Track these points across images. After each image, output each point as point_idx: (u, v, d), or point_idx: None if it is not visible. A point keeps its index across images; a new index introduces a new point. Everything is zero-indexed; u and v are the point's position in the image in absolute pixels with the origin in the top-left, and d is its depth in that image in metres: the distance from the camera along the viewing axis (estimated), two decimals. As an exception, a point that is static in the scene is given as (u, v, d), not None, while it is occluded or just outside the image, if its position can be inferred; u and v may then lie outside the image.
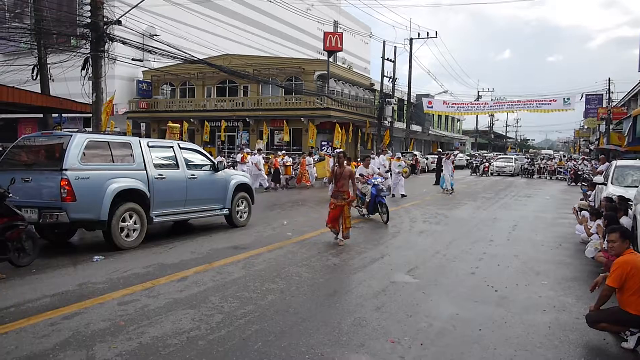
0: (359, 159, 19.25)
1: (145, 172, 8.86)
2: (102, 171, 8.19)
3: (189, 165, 9.89)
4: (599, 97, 46.43)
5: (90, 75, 16.08)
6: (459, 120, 72.69)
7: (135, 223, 8.59)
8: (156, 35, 30.42)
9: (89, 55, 16.17)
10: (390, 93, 39.28)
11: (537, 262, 8.01)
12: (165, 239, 9.47)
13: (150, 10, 31.85)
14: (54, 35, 21.20)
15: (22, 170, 8.07)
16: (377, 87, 40.18)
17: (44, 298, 5.73)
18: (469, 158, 47.03)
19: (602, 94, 46.52)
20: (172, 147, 9.85)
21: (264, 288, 6.25)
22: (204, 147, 25.94)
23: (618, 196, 8.77)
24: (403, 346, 4.54)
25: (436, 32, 38.99)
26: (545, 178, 32.96)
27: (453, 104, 40.70)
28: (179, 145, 10.06)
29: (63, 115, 21.96)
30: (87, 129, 24.28)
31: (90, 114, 16.77)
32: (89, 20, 16.06)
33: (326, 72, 35.41)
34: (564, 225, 12.11)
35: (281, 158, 23.10)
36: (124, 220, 8.39)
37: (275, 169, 22.09)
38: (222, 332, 4.76)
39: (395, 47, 39.43)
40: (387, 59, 37.22)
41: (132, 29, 17.67)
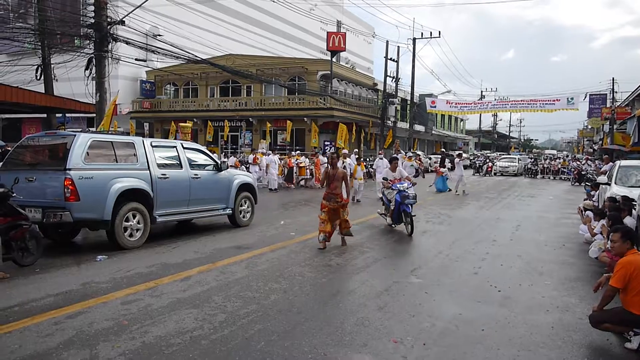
0: (361, 159, 19.07)
1: (148, 171, 8.88)
2: (105, 171, 8.21)
3: (192, 165, 9.90)
4: (602, 96, 46.27)
5: (94, 75, 16.14)
6: (462, 120, 72.54)
7: (138, 223, 8.60)
8: (159, 35, 30.38)
9: (92, 55, 16.22)
10: (394, 93, 39.22)
11: (541, 262, 7.99)
12: (169, 239, 9.49)
13: (154, 10, 31.92)
14: (58, 35, 21.27)
15: (26, 170, 8.10)
16: (380, 87, 40.12)
17: (47, 297, 5.75)
18: (472, 158, 46.93)
19: (605, 94, 46.36)
20: (175, 147, 9.87)
21: (267, 288, 6.26)
22: (207, 147, 25.96)
23: (622, 196, 8.74)
24: (406, 346, 4.53)
25: (439, 31, 38.93)
26: (549, 178, 32.89)
27: (456, 103, 40.62)
28: (182, 145, 10.08)
29: (67, 115, 22.06)
30: (90, 128, 24.35)
31: (94, 114, 16.82)
32: (92, 21, 16.12)
33: (329, 72, 35.42)
34: (567, 225, 12.08)
35: (296, 158, 22.82)
36: (127, 220, 8.40)
37: (290, 168, 21.89)
38: (225, 331, 4.77)
39: (398, 47, 39.50)
40: (390, 59, 37.17)
41: (136, 29, 17.72)
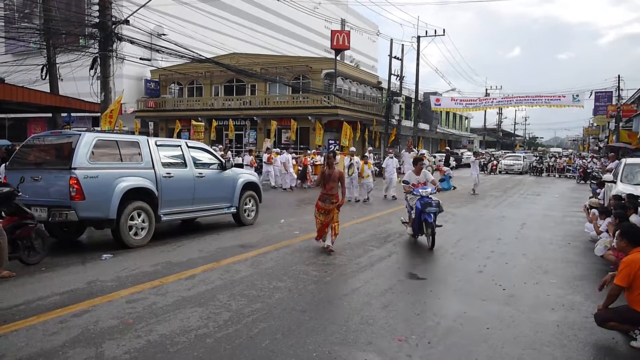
0: (366, 155, 18.69)
1: (153, 170, 8.90)
2: (110, 170, 8.23)
3: (197, 164, 9.92)
4: (608, 94, 45.97)
5: (99, 74, 16.20)
6: (467, 118, 72.37)
7: (143, 221, 8.63)
8: (164, 34, 30.51)
9: (97, 54, 16.29)
10: (398, 91, 39.15)
11: (546, 261, 7.97)
12: (173, 238, 9.52)
13: (158, 9, 31.95)
14: (63, 35, 21.35)
15: (32, 169, 8.14)
16: (385, 85, 40.06)
17: (53, 296, 5.78)
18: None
19: (611, 91, 46.07)
20: (179, 145, 9.89)
21: (272, 286, 6.26)
22: (212, 146, 26.01)
23: (627, 194, 8.70)
24: (410, 344, 4.53)
25: (444, 29, 38.68)
26: (554, 176, 32.77)
27: (461, 100, 40.46)
28: (187, 144, 10.11)
29: (72, 114, 22.12)
30: (95, 128, 24.45)
31: (99, 113, 16.88)
32: (97, 20, 16.17)
33: (333, 70, 35.38)
34: (572, 223, 12.03)
35: (311, 157, 22.57)
36: (132, 219, 8.43)
37: (304, 166, 21.71)
38: (230, 330, 4.78)
39: (402, 45, 39.37)
40: (395, 57, 37.10)
41: (140, 29, 17.76)
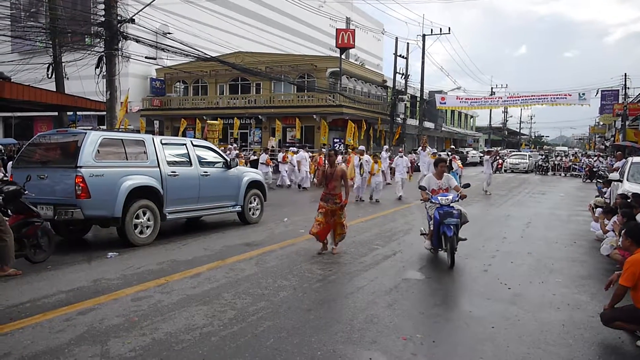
0: (376, 153, 18.11)
1: (158, 169, 8.92)
2: (116, 168, 8.26)
3: (202, 162, 9.94)
4: (614, 92, 45.75)
5: (105, 73, 16.23)
6: (472, 117, 72.16)
7: (148, 220, 8.65)
8: (169, 33, 30.52)
9: (103, 53, 16.32)
10: (403, 90, 39.09)
11: (551, 260, 7.94)
12: (179, 236, 9.54)
13: (164, 8, 31.99)
14: (69, 34, 21.42)
15: (38, 168, 8.17)
16: (390, 83, 40.01)
17: (59, 294, 5.81)
18: (482, 155, 46.74)
19: (617, 90, 45.84)
20: (185, 144, 9.91)
21: (276, 285, 6.27)
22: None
23: (633, 193, 8.65)
24: (415, 343, 4.53)
25: (449, 28, 38.65)
26: (560, 175, 32.63)
27: (466, 98, 40.41)
28: (192, 143, 10.13)
29: (78, 113, 22.21)
30: (101, 126, 24.56)
31: (105, 112, 16.93)
32: (103, 19, 16.21)
33: (338, 69, 35.36)
34: (578, 222, 11.98)
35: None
36: (137, 217, 8.46)
37: (318, 165, 21.54)
38: (235, 328, 4.79)
39: (407, 43, 39.23)
40: (400, 56, 37.04)
41: (146, 27, 17.78)
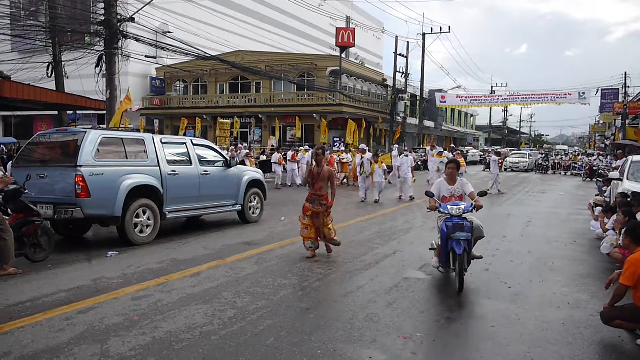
0: (379, 155, 17.40)
1: (158, 168, 8.92)
2: (115, 167, 8.26)
3: (202, 161, 9.93)
4: (614, 91, 45.72)
5: (104, 72, 16.23)
6: (472, 115, 72.16)
7: (148, 219, 8.65)
8: (169, 32, 30.49)
9: (102, 52, 16.32)
10: (403, 88, 39.08)
11: (551, 259, 7.93)
12: (178, 235, 9.54)
13: (163, 7, 32.00)
14: (69, 32, 21.41)
15: (38, 167, 8.17)
16: (390, 82, 39.99)
17: (59, 293, 5.81)
18: (482, 154, 46.73)
19: (617, 89, 45.81)
20: (184, 143, 9.91)
21: (276, 283, 6.27)
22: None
23: (632, 192, 8.64)
24: (415, 342, 4.53)
25: (449, 26, 38.60)
26: (560, 173, 32.63)
27: (466, 97, 40.51)
28: (192, 142, 10.13)
29: (77, 112, 22.19)
30: (101, 125, 24.56)
31: (104, 111, 16.93)
32: (102, 18, 16.21)
33: (338, 67, 35.35)
34: (578, 221, 11.97)
35: (338, 155, 22.00)
36: (137, 216, 8.46)
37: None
38: (235, 327, 4.79)
39: (407, 42, 39.19)
40: (400, 54, 37.02)
41: (145, 26, 17.79)
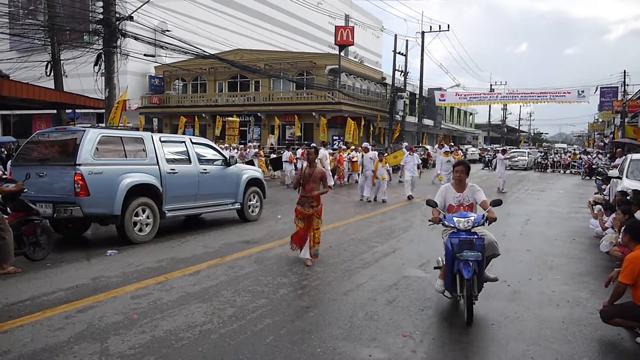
0: (383, 154, 16.79)
1: (157, 167, 8.91)
2: (115, 166, 8.25)
3: (201, 160, 9.92)
4: (614, 89, 45.73)
5: (103, 71, 16.22)
6: (471, 114, 72.19)
7: (148, 217, 8.65)
8: (168, 30, 30.46)
9: (101, 51, 16.30)
10: (402, 87, 39.07)
11: (551, 257, 7.94)
12: (178, 234, 9.53)
13: (162, 5, 31.94)
14: (67, 31, 21.39)
15: (37, 166, 8.16)
16: (389, 81, 39.98)
17: (58, 291, 5.80)
18: (480, 152, 46.73)
19: (617, 87, 45.82)
20: (184, 142, 9.90)
21: (276, 282, 6.27)
22: (216, 142, 26.10)
23: (632, 190, 8.65)
24: (415, 340, 4.53)
25: (448, 25, 38.64)
26: (559, 172, 32.64)
27: (465, 94, 40.51)
28: (191, 140, 10.12)
29: (76, 110, 22.15)
30: (100, 124, 24.54)
31: (103, 110, 16.91)
32: (101, 17, 16.19)
33: (337, 66, 35.33)
34: (577, 219, 11.98)
35: (347, 153, 21.58)
36: (136, 215, 8.46)
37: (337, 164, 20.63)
38: (234, 325, 4.79)
39: (407, 40, 39.30)
40: (399, 53, 36.99)
41: (144, 25, 17.79)
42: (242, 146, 22.57)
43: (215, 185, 10.12)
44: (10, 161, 11.47)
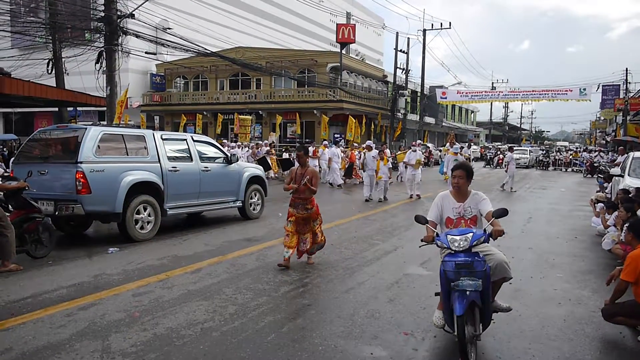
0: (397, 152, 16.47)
1: (159, 164, 8.92)
2: (116, 164, 8.25)
3: (203, 157, 9.93)
4: (615, 87, 45.61)
5: (105, 68, 16.22)
6: (473, 112, 72.09)
7: (149, 215, 8.66)
8: (169, 28, 30.45)
9: (103, 48, 16.30)
10: (404, 85, 39.02)
11: (552, 255, 7.93)
12: (179, 232, 9.54)
13: (163, 3, 31.93)
14: (69, 29, 21.39)
15: (39, 163, 8.17)
16: (390, 78, 39.95)
17: (60, 289, 5.81)
18: (481, 150, 46.66)
19: (619, 85, 45.70)
20: (185, 139, 9.90)
21: (277, 280, 6.27)
22: (217, 139, 26.08)
23: (635, 188, 8.63)
24: (416, 338, 4.53)
25: (450, 23, 38.54)
26: (561, 170, 32.60)
27: (467, 92, 40.46)
28: (193, 138, 10.12)
29: (78, 108, 22.19)
30: (101, 122, 24.55)
31: (105, 108, 16.91)
32: (102, 14, 16.18)
33: (339, 64, 35.32)
34: (579, 217, 11.97)
35: (359, 151, 20.99)
36: (138, 213, 8.46)
37: (351, 163, 20.39)
38: (236, 323, 4.79)
39: (408, 38, 39.32)
40: (400, 51, 36.96)
41: (146, 22, 17.76)
42: (254, 145, 22.53)
43: (217, 183, 10.12)
44: (12, 159, 11.48)
